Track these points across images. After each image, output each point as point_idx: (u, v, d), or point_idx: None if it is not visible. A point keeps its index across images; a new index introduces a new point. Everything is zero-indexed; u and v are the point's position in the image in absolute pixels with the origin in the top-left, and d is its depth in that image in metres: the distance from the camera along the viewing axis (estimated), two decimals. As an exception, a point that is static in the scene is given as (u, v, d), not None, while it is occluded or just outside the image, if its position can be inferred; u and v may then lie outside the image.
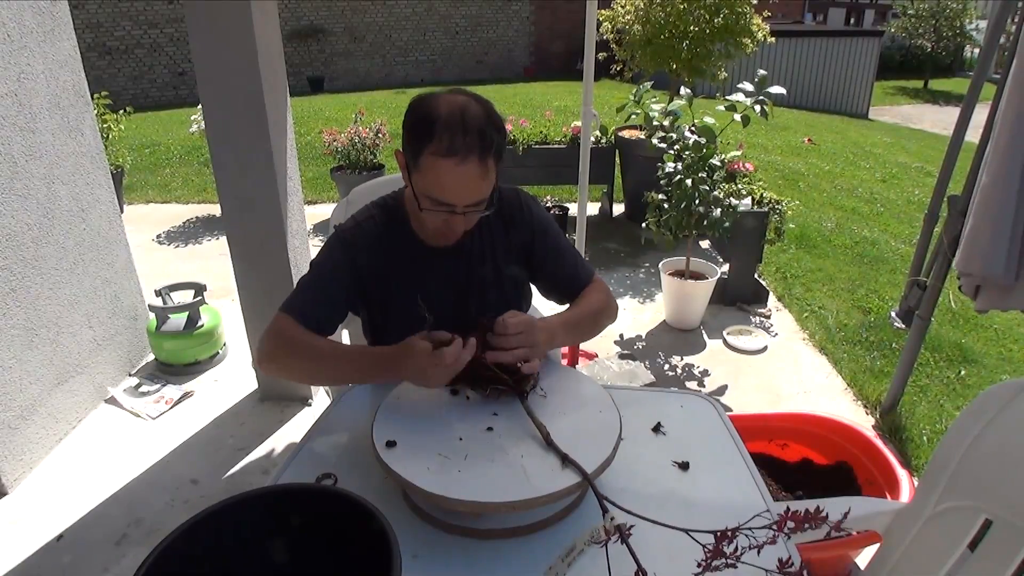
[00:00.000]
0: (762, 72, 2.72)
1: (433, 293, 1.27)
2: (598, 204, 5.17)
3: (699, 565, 0.72)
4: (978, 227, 1.84)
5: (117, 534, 2.03)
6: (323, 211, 4.96)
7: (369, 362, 1.15)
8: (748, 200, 3.38)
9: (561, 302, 1.38)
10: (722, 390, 2.84)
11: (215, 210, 5.13)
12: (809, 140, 8.03)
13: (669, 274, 3.27)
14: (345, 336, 1.68)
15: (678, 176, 2.95)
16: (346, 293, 1.27)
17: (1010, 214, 1.77)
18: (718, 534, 0.73)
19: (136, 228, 4.58)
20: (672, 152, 3.02)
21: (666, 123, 3.00)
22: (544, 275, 1.37)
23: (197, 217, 5.14)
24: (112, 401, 2.68)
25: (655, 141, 3.14)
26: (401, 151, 1.19)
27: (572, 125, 4.76)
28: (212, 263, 4.07)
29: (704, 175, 2.92)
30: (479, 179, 1.11)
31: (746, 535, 0.72)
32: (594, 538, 0.75)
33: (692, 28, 4.71)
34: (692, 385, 2.88)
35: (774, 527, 0.73)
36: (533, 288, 1.43)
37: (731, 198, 3.11)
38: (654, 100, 2.99)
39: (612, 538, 0.74)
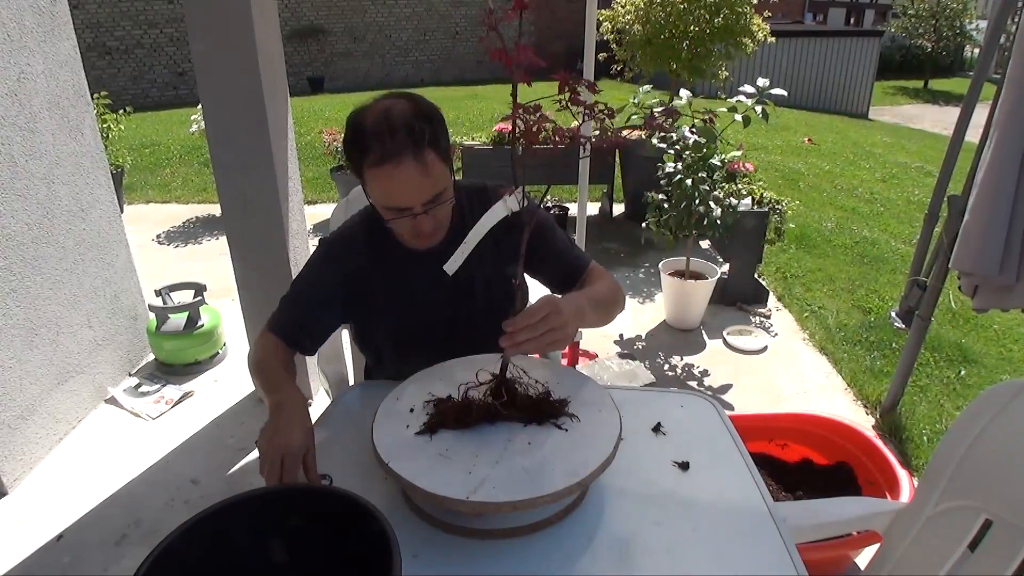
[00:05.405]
0: (763, 81, 2.71)
1: (421, 296, 1.27)
2: (598, 204, 5.17)
3: None
4: (970, 226, 1.85)
5: (117, 534, 2.03)
6: (323, 211, 4.96)
7: (269, 402, 1.10)
8: (748, 200, 3.38)
9: (565, 293, 1.37)
10: (722, 390, 2.84)
11: (215, 210, 5.13)
12: (809, 140, 8.04)
13: (669, 274, 3.27)
14: (344, 333, 1.68)
15: (678, 176, 2.95)
16: (330, 306, 1.28)
17: (1005, 214, 1.77)
18: None
19: (136, 228, 4.59)
20: (672, 152, 3.02)
21: (666, 123, 3.00)
22: (545, 272, 1.37)
23: (197, 217, 5.14)
24: (112, 401, 2.68)
25: (655, 141, 3.14)
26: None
27: (572, 125, 4.75)
28: (212, 263, 4.07)
29: (704, 175, 2.92)
30: (422, 175, 1.09)
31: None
32: None
33: (692, 28, 4.71)
34: (692, 385, 2.88)
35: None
36: (531, 290, 1.42)
37: (731, 198, 3.11)
38: (654, 100, 2.99)
39: None
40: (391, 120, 1.07)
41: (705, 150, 2.93)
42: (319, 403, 2.68)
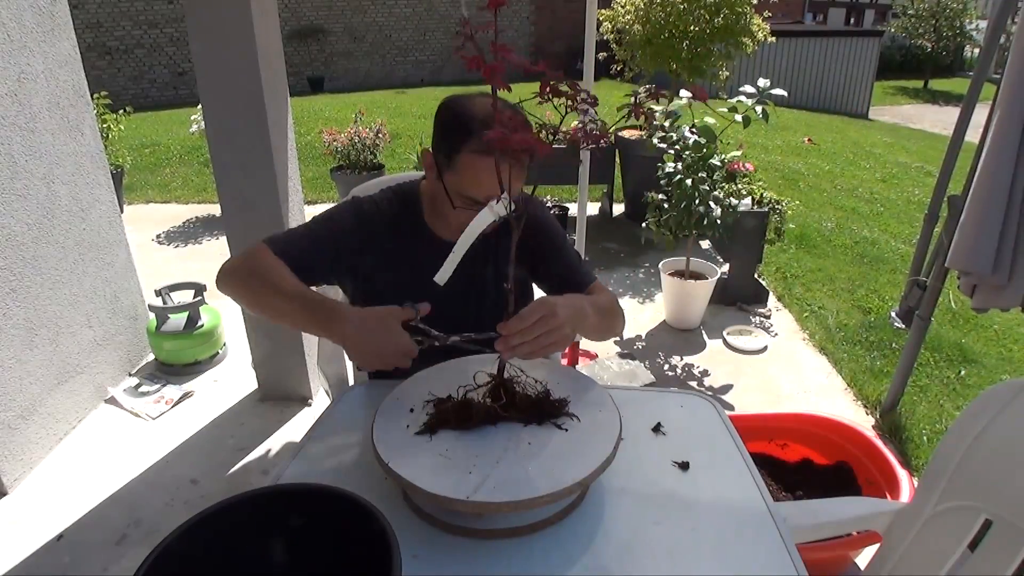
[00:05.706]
0: (763, 81, 2.71)
1: (432, 289, 1.28)
2: (598, 204, 5.17)
3: None
4: (964, 225, 1.85)
5: (117, 534, 2.03)
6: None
7: (320, 310, 1.07)
8: (748, 200, 3.38)
9: None
10: (722, 390, 2.84)
11: (215, 210, 5.13)
12: (809, 140, 8.03)
13: (669, 274, 3.27)
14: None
15: (678, 176, 2.95)
16: (339, 260, 1.26)
17: (999, 214, 1.77)
18: None
19: (136, 228, 4.58)
20: (672, 152, 3.02)
21: (666, 123, 3.00)
22: (546, 275, 1.37)
23: (197, 217, 5.14)
24: (112, 401, 2.68)
25: (655, 141, 3.14)
26: (430, 151, 1.19)
27: (572, 125, 4.76)
28: (212, 263, 4.05)
29: (704, 175, 2.92)
30: (516, 177, 1.12)
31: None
32: None
33: (692, 28, 4.70)
34: (692, 385, 2.88)
35: None
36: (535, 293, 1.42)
37: (731, 198, 3.11)
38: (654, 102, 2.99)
39: None
40: (502, 118, 1.09)
41: (705, 150, 2.93)
42: (319, 403, 2.68)
